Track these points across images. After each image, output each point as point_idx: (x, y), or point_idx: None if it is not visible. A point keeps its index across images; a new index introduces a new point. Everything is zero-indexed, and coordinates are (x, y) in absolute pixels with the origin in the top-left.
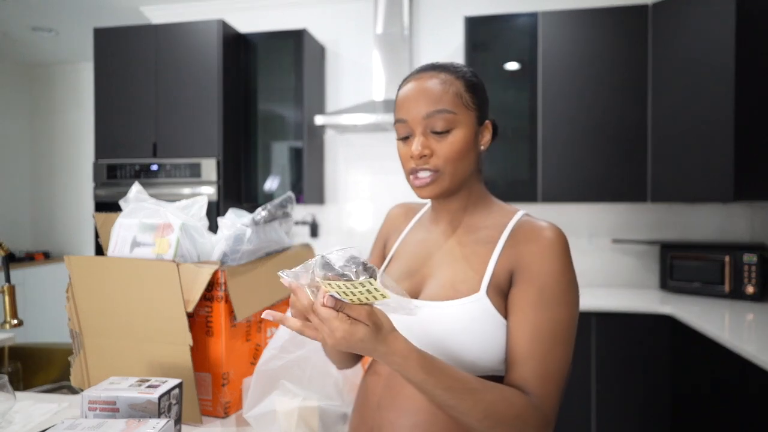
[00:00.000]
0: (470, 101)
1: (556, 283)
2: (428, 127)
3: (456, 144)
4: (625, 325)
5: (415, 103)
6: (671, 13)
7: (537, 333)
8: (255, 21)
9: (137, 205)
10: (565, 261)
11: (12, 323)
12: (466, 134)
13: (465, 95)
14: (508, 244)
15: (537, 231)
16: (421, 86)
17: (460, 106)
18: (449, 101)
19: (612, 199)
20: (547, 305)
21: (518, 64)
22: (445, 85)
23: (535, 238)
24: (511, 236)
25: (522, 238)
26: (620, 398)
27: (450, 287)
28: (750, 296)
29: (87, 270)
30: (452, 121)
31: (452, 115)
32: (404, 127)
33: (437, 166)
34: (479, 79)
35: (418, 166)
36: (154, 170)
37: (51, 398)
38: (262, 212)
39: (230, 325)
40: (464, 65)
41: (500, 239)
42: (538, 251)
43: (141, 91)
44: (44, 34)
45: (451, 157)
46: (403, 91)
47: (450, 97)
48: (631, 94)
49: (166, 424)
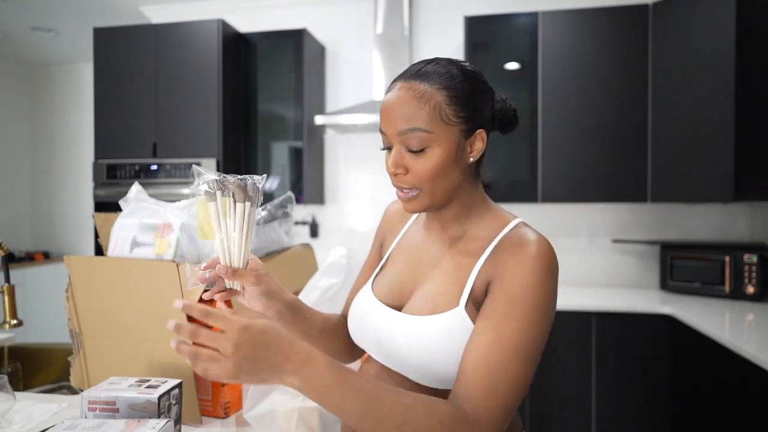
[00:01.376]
0: (452, 116)
1: (527, 297)
2: (403, 144)
3: (430, 163)
4: (625, 325)
5: (392, 118)
6: (671, 13)
7: (494, 344)
8: (255, 21)
9: (137, 205)
10: (543, 278)
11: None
12: (444, 152)
13: (446, 109)
14: (491, 256)
15: (522, 243)
16: (397, 99)
17: (437, 123)
18: (424, 119)
19: (612, 199)
20: (513, 318)
21: (518, 64)
22: (421, 100)
23: (518, 249)
24: (496, 248)
25: (505, 249)
26: (620, 398)
27: (431, 301)
28: (750, 296)
29: (87, 270)
30: (426, 140)
31: (426, 133)
32: (385, 139)
33: (413, 184)
34: (474, 84)
35: (395, 182)
36: (153, 170)
37: (51, 398)
38: (262, 212)
39: None
40: (458, 65)
41: (485, 251)
42: (516, 263)
43: (141, 91)
44: (44, 34)
45: (426, 176)
46: (384, 101)
47: (425, 114)
48: (631, 93)
49: (165, 425)
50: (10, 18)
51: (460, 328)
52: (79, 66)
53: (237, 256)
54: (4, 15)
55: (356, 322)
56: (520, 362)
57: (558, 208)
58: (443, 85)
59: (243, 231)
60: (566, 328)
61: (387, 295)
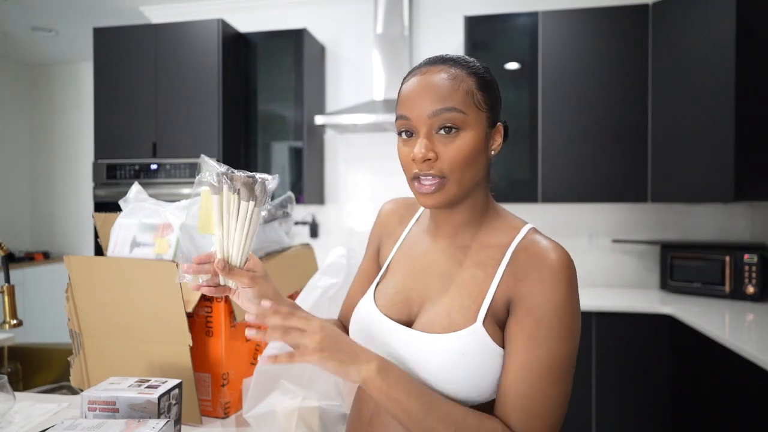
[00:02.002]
0: (482, 101)
1: (556, 315)
2: (434, 127)
3: (464, 148)
4: (625, 325)
5: (421, 100)
6: (671, 13)
7: (527, 370)
8: (255, 21)
9: (137, 205)
10: (568, 290)
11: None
12: (476, 137)
13: (477, 94)
14: (508, 269)
15: (541, 255)
16: (428, 81)
17: (470, 106)
18: (459, 99)
19: (612, 199)
20: (543, 340)
21: (518, 64)
22: (456, 81)
23: (537, 263)
24: (513, 260)
25: (524, 263)
26: (620, 398)
27: (446, 316)
28: (750, 296)
29: (86, 270)
30: (461, 122)
31: (461, 114)
32: (407, 125)
33: (442, 172)
34: (493, 77)
35: (421, 171)
36: (153, 170)
37: (51, 398)
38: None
39: (230, 325)
40: (477, 60)
41: (501, 263)
42: (539, 279)
43: (141, 91)
44: (44, 34)
45: (458, 163)
46: (408, 86)
47: (460, 94)
48: (631, 93)
49: (165, 425)
50: (10, 18)
51: (479, 345)
52: (79, 66)
53: (235, 255)
54: (4, 15)
55: (358, 336)
56: (556, 382)
57: (558, 208)
58: (472, 70)
59: (244, 231)
60: None
61: (392, 309)
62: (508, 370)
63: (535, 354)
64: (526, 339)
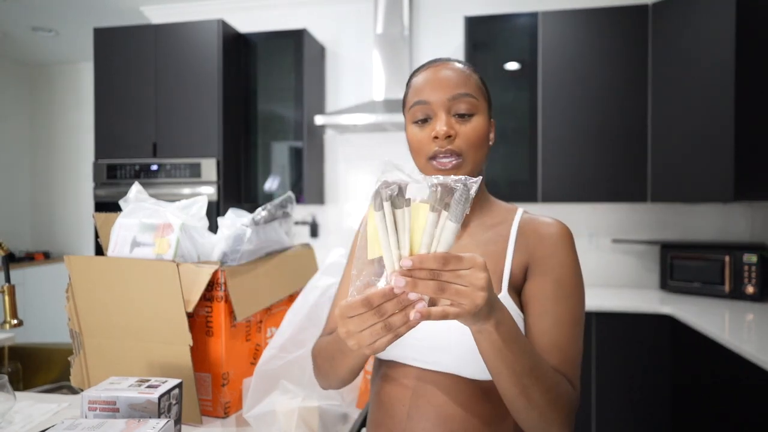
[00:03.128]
0: (486, 94)
1: (569, 275)
2: (452, 110)
3: (478, 129)
4: (625, 325)
5: (440, 85)
6: (671, 13)
7: (559, 324)
8: (255, 21)
9: (137, 205)
10: (574, 253)
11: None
12: (485, 123)
13: (482, 87)
14: (519, 242)
15: (545, 226)
16: (444, 70)
17: (481, 95)
18: (473, 87)
19: (612, 199)
20: (564, 297)
21: (518, 64)
22: (468, 72)
23: (545, 233)
24: (520, 234)
25: (531, 234)
26: (620, 398)
27: None
28: (750, 296)
29: (87, 270)
30: (475, 107)
31: (475, 100)
32: (425, 109)
33: (460, 149)
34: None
35: (442, 147)
36: (154, 170)
37: (51, 398)
38: (262, 212)
39: (230, 325)
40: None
41: (510, 237)
42: (550, 245)
43: (141, 91)
44: (44, 34)
45: (473, 142)
46: (424, 76)
47: (473, 84)
48: (631, 93)
49: (166, 425)
50: (11, 18)
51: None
52: (80, 66)
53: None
54: (4, 15)
55: None
56: (579, 333)
57: (558, 208)
58: (474, 70)
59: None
60: None
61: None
62: (542, 328)
63: (563, 309)
64: (551, 298)
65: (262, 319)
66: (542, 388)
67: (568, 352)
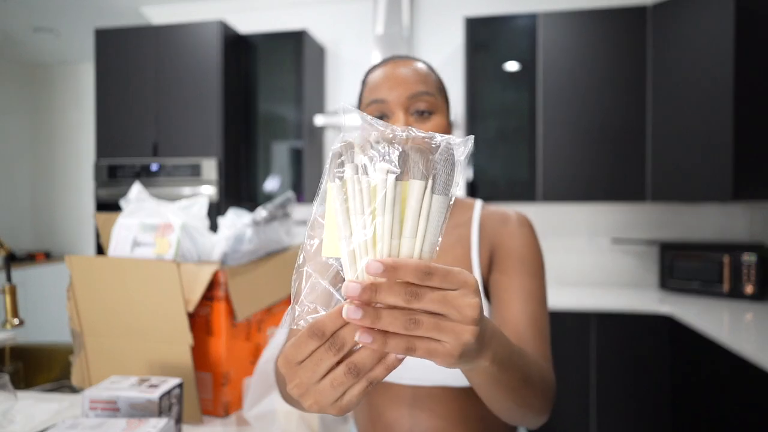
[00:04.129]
0: (445, 94)
1: (532, 255)
2: (411, 109)
3: (437, 128)
4: (624, 325)
5: (398, 83)
6: (671, 14)
7: (531, 297)
8: (255, 22)
9: (138, 205)
10: (535, 237)
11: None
12: (444, 123)
13: (442, 86)
14: (481, 236)
15: (504, 216)
16: (402, 68)
17: (440, 94)
18: (432, 86)
19: (612, 199)
20: (531, 273)
21: (518, 64)
22: (427, 71)
23: (505, 221)
24: (482, 228)
25: (492, 225)
26: (620, 398)
27: None
28: (749, 296)
29: (88, 270)
30: (434, 105)
31: (434, 99)
32: (381, 108)
33: None
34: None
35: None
36: (154, 170)
37: (52, 398)
38: (262, 212)
39: (231, 324)
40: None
41: (472, 235)
42: (511, 230)
43: (142, 92)
44: (45, 35)
45: None
46: (381, 73)
47: (432, 82)
48: (630, 94)
49: (166, 424)
50: (12, 19)
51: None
52: (80, 67)
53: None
54: (5, 15)
55: None
56: (546, 309)
57: (557, 207)
58: (433, 70)
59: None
60: (565, 328)
61: None
62: (513, 306)
63: (529, 286)
64: (518, 274)
65: (262, 319)
66: (535, 390)
67: (542, 324)
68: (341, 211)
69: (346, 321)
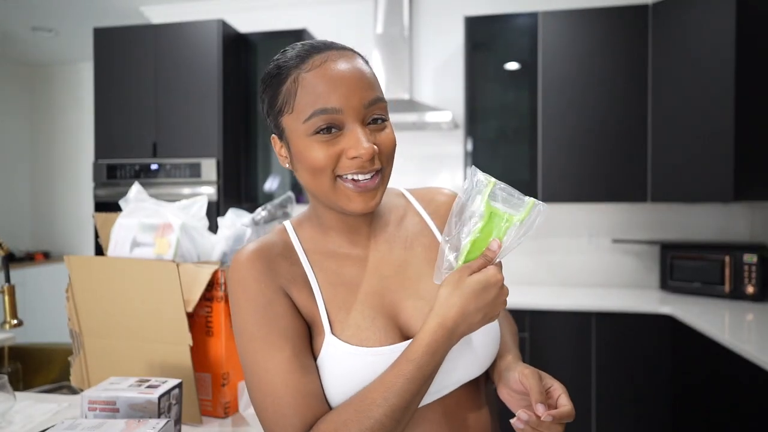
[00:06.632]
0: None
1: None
2: (366, 118)
3: (392, 137)
4: (625, 325)
5: (351, 89)
6: (671, 13)
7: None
8: (255, 21)
9: (137, 205)
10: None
11: (12, 323)
12: (391, 127)
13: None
14: (433, 219)
15: (438, 195)
16: (356, 66)
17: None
18: (379, 86)
19: (612, 199)
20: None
21: (518, 64)
22: (369, 68)
23: (444, 200)
24: (430, 213)
25: (437, 207)
26: (620, 398)
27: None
28: (750, 296)
29: (87, 270)
30: (386, 112)
31: (386, 103)
32: (332, 119)
33: (381, 163)
34: None
35: (364, 169)
36: (154, 170)
37: (51, 398)
38: (262, 212)
39: (230, 325)
40: None
41: (427, 222)
42: (446, 197)
43: (141, 91)
44: (44, 34)
45: (391, 152)
46: (324, 72)
47: (377, 80)
48: (631, 93)
49: (165, 425)
50: (10, 18)
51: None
52: (79, 66)
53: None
54: (4, 15)
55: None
56: None
57: (558, 208)
58: (368, 63)
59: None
60: (566, 328)
61: (391, 333)
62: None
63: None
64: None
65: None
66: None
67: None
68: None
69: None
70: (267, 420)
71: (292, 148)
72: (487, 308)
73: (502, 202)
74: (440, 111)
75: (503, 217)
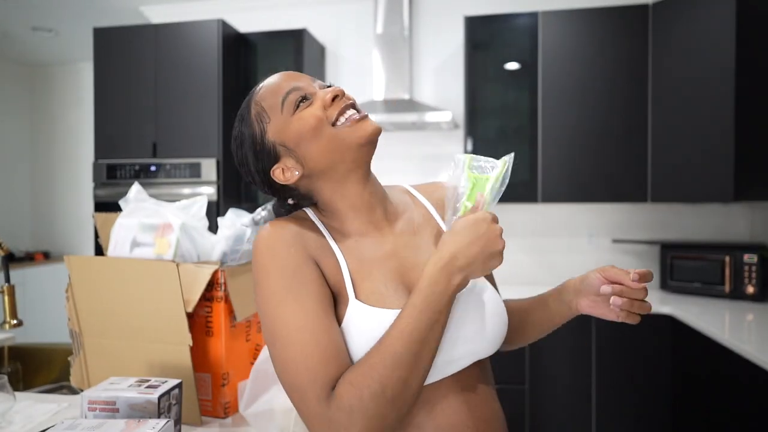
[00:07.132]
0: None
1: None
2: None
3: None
4: (625, 325)
5: (296, 75)
6: (672, 13)
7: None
8: (255, 21)
9: (137, 205)
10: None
11: (12, 323)
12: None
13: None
14: (437, 210)
15: (437, 186)
16: (287, 69)
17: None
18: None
19: (612, 199)
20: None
21: (518, 64)
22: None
23: (440, 189)
24: (432, 203)
25: (439, 196)
26: (620, 398)
27: None
28: (750, 296)
29: (87, 270)
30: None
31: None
32: (301, 92)
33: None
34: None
35: (347, 102)
36: (153, 170)
37: (51, 398)
38: (261, 212)
39: (230, 325)
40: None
41: (431, 212)
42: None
43: (141, 91)
44: (44, 34)
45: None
46: (274, 77)
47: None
48: (631, 93)
49: (165, 425)
50: (10, 18)
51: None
52: (79, 66)
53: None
54: (4, 15)
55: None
56: None
57: (558, 208)
58: None
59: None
60: (566, 328)
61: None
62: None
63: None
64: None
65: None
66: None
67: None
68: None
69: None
70: (297, 377)
71: (290, 142)
72: (481, 241)
73: (480, 171)
74: (440, 111)
75: (483, 179)
